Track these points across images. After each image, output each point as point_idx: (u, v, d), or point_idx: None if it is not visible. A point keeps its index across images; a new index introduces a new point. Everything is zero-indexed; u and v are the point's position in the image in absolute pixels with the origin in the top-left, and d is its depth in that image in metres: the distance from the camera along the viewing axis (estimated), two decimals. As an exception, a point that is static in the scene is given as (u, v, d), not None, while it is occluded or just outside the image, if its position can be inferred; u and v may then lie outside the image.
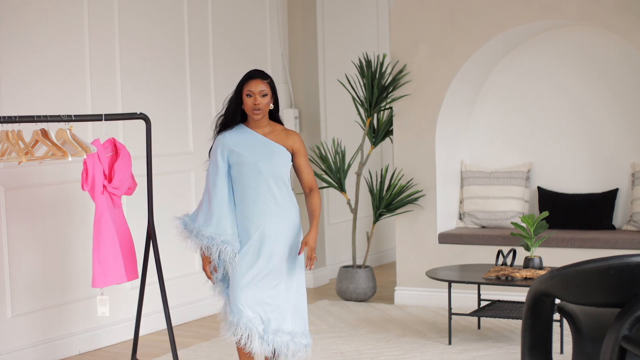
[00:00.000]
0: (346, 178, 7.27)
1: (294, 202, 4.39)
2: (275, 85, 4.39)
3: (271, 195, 4.30)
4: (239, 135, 4.34)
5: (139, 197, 5.62)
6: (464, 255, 6.62)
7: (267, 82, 4.31)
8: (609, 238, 6.26)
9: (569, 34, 6.82)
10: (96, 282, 4.68)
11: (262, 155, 4.30)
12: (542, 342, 3.34)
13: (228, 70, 6.99)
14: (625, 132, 6.70)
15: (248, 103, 4.28)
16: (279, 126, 4.41)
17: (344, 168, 7.11)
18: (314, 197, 4.38)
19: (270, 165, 4.29)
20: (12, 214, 5.37)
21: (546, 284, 3.21)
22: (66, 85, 5.70)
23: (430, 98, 6.73)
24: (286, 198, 4.34)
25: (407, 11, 6.81)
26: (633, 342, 2.93)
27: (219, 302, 4.61)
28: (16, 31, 5.41)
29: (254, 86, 4.28)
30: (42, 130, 4.62)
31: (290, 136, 4.39)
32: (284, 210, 4.32)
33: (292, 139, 4.38)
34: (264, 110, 4.30)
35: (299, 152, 4.38)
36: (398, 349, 5.57)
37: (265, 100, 4.29)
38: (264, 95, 4.28)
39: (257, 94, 4.27)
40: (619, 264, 2.99)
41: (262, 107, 4.28)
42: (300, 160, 4.39)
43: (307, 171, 4.41)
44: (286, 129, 4.42)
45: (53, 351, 5.57)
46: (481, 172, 6.99)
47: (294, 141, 4.37)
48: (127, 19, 6.12)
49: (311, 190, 4.40)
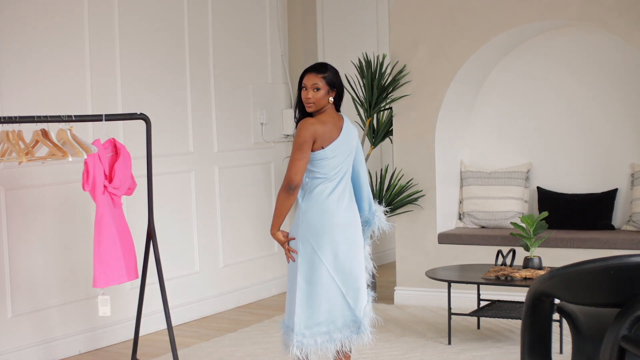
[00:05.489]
0: (346, 178, 7.26)
1: (303, 200, 4.39)
2: (339, 79, 4.37)
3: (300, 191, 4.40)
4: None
5: (139, 197, 5.63)
6: (463, 256, 6.62)
7: (323, 76, 4.33)
8: (609, 238, 6.26)
9: (568, 35, 6.82)
10: (97, 282, 4.69)
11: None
12: (541, 342, 3.34)
13: (228, 70, 6.99)
14: (625, 132, 6.70)
15: (302, 96, 4.36)
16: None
17: (344, 168, 7.10)
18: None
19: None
20: (12, 214, 5.37)
21: (545, 284, 3.20)
22: (66, 85, 5.71)
23: (430, 98, 6.73)
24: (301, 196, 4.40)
25: (407, 11, 6.81)
26: (632, 342, 2.94)
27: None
28: (16, 31, 5.41)
29: (307, 80, 4.33)
30: (42, 131, 4.62)
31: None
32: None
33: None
34: (317, 104, 4.32)
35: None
36: (398, 349, 5.58)
37: (318, 94, 4.30)
38: (317, 90, 4.30)
39: (309, 87, 4.31)
40: (618, 264, 2.99)
41: (313, 100, 4.31)
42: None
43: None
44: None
45: (53, 351, 5.58)
46: (481, 172, 6.99)
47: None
48: (127, 19, 6.12)
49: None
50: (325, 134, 4.30)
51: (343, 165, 4.36)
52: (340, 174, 4.36)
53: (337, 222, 4.31)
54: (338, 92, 4.38)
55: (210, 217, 6.82)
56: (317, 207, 4.32)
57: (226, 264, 6.96)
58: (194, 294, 6.62)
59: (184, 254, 6.60)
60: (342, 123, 4.39)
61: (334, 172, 4.33)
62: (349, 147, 4.38)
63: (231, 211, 6.97)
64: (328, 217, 4.31)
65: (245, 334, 6.07)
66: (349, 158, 4.40)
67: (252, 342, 5.86)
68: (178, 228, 6.53)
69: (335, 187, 4.34)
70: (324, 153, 4.29)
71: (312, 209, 4.32)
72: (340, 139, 4.34)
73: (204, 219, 6.76)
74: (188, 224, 6.63)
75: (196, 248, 6.69)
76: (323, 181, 4.32)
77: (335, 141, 4.31)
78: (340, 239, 4.32)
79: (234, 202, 7.01)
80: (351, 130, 4.42)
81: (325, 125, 4.32)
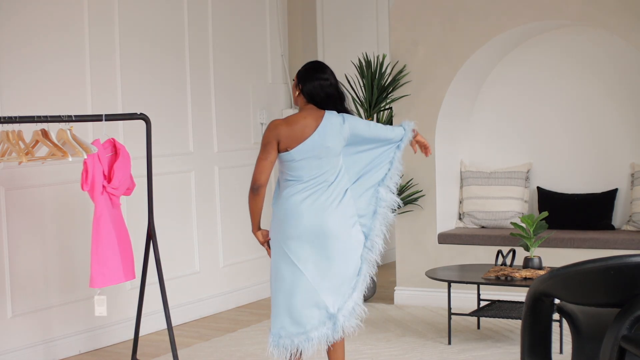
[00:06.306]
0: (346, 178, 7.26)
1: (277, 197, 4.40)
2: (310, 73, 4.36)
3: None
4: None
5: (139, 197, 5.63)
6: (463, 256, 6.62)
7: (298, 71, 4.41)
8: (609, 238, 6.26)
9: (568, 35, 6.82)
10: (94, 282, 4.68)
11: None
12: (541, 342, 3.34)
13: (228, 70, 6.99)
14: (625, 132, 6.70)
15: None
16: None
17: (344, 168, 7.11)
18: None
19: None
20: (12, 214, 5.37)
21: (545, 284, 3.21)
22: (66, 85, 5.71)
23: (430, 98, 6.73)
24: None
25: (407, 11, 6.81)
26: (632, 342, 2.94)
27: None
28: (16, 31, 5.41)
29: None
30: (42, 131, 4.62)
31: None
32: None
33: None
34: (294, 100, 4.43)
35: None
36: (398, 349, 5.58)
37: (293, 90, 4.42)
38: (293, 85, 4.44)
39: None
40: (618, 264, 2.99)
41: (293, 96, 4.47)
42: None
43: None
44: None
45: (53, 351, 5.58)
46: (481, 172, 6.99)
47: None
48: (127, 20, 6.12)
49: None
50: (292, 135, 4.23)
51: (324, 166, 4.28)
52: (319, 176, 4.28)
53: (306, 224, 4.24)
54: (303, 89, 4.33)
55: (210, 217, 6.82)
56: (283, 209, 4.30)
57: (226, 264, 6.96)
58: (194, 294, 6.62)
59: (184, 254, 6.60)
60: (319, 123, 4.29)
61: (309, 174, 4.26)
62: (326, 147, 4.26)
63: (231, 211, 6.97)
64: (294, 220, 4.26)
65: (245, 334, 6.07)
66: (333, 158, 4.30)
67: (252, 342, 5.86)
68: (178, 228, 6.53)
69: (307, 188, 4.26)
70: (290, 155, 4.25)
71: (280, 210, 4.32)
72: (311, 140, 4.24)
73: (204, 219, 6.76)
74: (188, 224, 6.63)
75: (196, 248, 6.69)
76: (294, 183, 4.28)
77: (303, 143, 4.23)
78: (311, 239, 4.26)
79: (234, 202, 7.01)
80: (333, 128, 4.28)
81: (294, 125, 4.25)
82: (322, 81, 4.33)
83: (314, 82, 4.32)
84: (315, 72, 4.34)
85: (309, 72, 4.36)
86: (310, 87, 4.32)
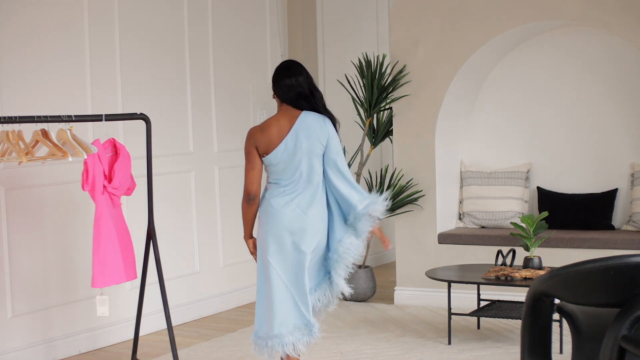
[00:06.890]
0: (346, 178, 7.26)
1: (262, 199, 4.40)
2: (282, 74, 4.38)
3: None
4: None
5: (139, 197, 5.63)
6: (463, 256, 6.62)
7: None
8: (609, 238, 6.26)
9: (568, 35, 6.82)
10: (96, 282, 4.69)
11: None
12: (541, 342, 3.34)
13: (228, 70, 6.99)
14: (625, 132, 6.70)
15: None
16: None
17: (344, 168, 7.10)
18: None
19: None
20: (12, 214, 5.37)
21: (545, 284, 3.21)
22: (66, 85, 5.71)
23: (430, 98, 6.73)
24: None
25: (407, 11, 6.81)
26: (632, 342, 2.94)
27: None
28: (16, 31, 5.41)
29: None
30: (42, 131, 4.62)
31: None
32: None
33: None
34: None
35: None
36: (398, 349, 5.58)
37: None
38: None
39: None
40: (618, 264, 2.99)
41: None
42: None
43: None
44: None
45: (53, 351, 5.58)
46: (481, 172, 6.99)
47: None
48: (127, 20, 6.12)
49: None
50: (267, 140, 4.25)
51: (302, 167, 4.27)
52: (298, 178, 4.28)
53: (284, 226, 4.26)
54: (275, 91, 4.35)
55: (210, 217, 6.82)
56: (265, 211, 4.34)
57: (226, 264, 6.96)
58: (194, 294, 6.62)
59: (184, 254, 6.60)
60: (293, 123, 4.28)
61: (288, 176, 4.27)
62: (301, 147, 4.24)
63: (231, 211, 6.96)
64: (273, 221, 4.28)
65: (245, 334, 6.06)
66: (312, 159, 4.28)
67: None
68: (178, 228, 6.53)
69: (286, 192, 4.28)
70: (268, 160, 4.29)
71: (262, 212, 4.37)
72: (284, 142, 4.24)
73: (204, 219, 6.76)
74: (188, 224, 6.63)
75: (196, 248, 6.69)
76: (275, 186, 4.33)
77: (277, 147, 4.24)
78: (288, 242, 4.28)
79: (234, 202, 6.99)
80: (309, 128, 4.26)
81: (267, 130, 4.27)
82: (292, 80, 4.31)
83: (284, 81, 4.33)
84: (284, 72, 4.35)
85: (278, 72, 4.38)
86: (280, 87, 4.34)
